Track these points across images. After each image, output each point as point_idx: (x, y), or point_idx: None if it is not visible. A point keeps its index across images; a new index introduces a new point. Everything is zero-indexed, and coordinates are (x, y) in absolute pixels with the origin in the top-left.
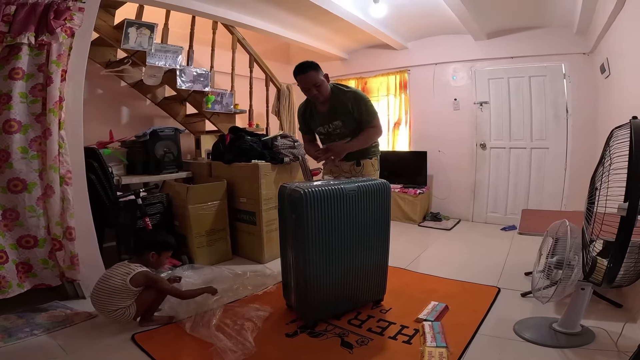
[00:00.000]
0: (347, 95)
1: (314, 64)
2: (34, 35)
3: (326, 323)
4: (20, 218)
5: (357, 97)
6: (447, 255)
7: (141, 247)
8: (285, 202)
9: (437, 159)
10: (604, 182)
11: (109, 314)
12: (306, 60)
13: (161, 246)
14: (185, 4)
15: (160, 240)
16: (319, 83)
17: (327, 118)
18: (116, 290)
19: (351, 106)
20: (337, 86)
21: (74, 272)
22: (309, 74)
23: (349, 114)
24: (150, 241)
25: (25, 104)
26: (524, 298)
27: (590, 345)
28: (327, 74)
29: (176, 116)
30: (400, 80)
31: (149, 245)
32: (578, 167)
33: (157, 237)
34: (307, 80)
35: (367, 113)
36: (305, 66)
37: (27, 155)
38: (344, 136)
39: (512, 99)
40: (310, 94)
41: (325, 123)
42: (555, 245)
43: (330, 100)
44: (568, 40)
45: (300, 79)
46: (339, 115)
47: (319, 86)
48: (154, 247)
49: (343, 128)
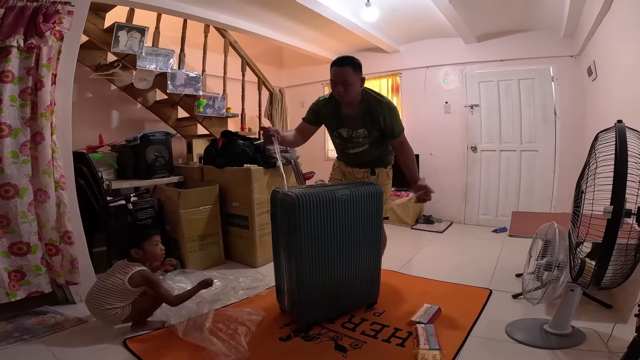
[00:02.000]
0: (381, 104)
1: (355, 62)
2: (23, 39)
3: (320, 326)
4: (12, 224)
5: (391, 108)
6: (439, 258)
7: (124, 251)
8: (277, 206)
9: (429, 162)
10: (589, 185)
11: (102, 313)
12: (351, 56)
13: (137, 239)
14: (177, 7)
15: (132, 235)
16: (350, 82)
17: (354, 123)
18: (114, 289)
19: (383, 118)
20: (371, 93)
21: (75, 276)
22: (344, 68)
23: (377, 124)
24: (125, 243)
25: (15, 107)
26: (515, 300)
27: (581, 346)
28: (364, 78)
29: (167, 120)
30: (393, 83)
31: (126, 246)
32: (567, 170)
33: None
34: (338, 74)
35: (398, 126)
36: (345, 60)
37: (18, 160)
38: (361, 145)
39: (502, 102)
40: (336, 90)
41: (350, 127)
42: (544, 247)
43: (361, 106)
44: (556, 43)
45: (334, 70)
46: (367, 124)
47: (348, 85)
48: (131, 245)
49: (366, 138)
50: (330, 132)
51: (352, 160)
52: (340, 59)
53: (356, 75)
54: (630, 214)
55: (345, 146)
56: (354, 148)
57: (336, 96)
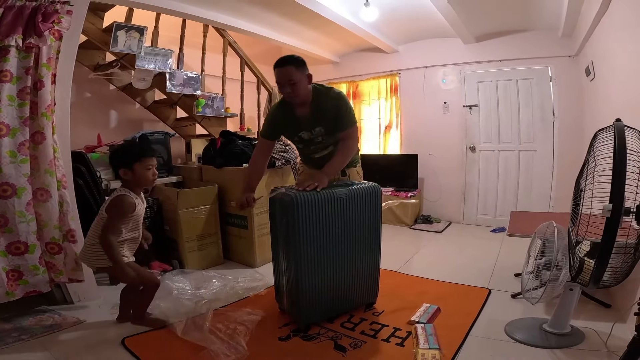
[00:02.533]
0: (329, 94)
1: (296, 60)
2: (22, 38)
3: (319, 326)
4: (10, 224)
5: (340, 98)
6: (438, 258)
7: (112, 167)
8: (276, 206)
9: (428, 162)
10: (588, 184)
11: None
12: (290, 54)
13: (128, 158)
14: (176, 7)
15: (123, 153)
16: (295, 81)
17: (309, 123)
18: (96, 223)
19: (333, 108)
20: (320, 88)
21: (80, 273)
22: (286, 68)
23: (331, 118)
24: (113, 157)
25: (13, 107)
26: (514, 299)
27: (580, 345)
28: (310, 75)
29: (166, 120)
30: (391, 83)
31: (114, 161)
32: (565, 169)
33: (119, 147)
34: (281, 75)
35: (347, 117)
36: (285, 60)
37: (16, 160)
38: (325, 147)
39: (501, 102)
40: (284, 92)
41: (307, 129)
42: (543, 246)
43: (312, 103)
44: (554, 43)
45: (276, 72)
46: (322, 120)
47: (293, 84)
48: (120, 163)
49: (325, 135)
50: (291, 139)
51: (317, 164)
52: (280, 60)
53: (300, 73)
54: (629, 212)
55: (309, 150)
56: (318, 152)
57: (286, 98)
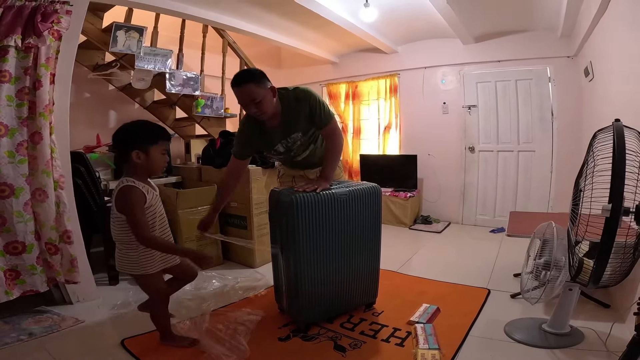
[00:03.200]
0: (296, 95)
1: (253, 74)
2: (21, 38)
3: (319, 327)
4: (7, 224)
5: (308, 95)
6: (437, 258)
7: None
8: (275, 207)
9: (427, 162)
10: (587, 184)
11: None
12: (245, 69)
13: (145, 139)
14: (175, 7)
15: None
16: (259, 99)
17: (283, 132)
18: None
19: (306, 107)
20: (285, 93)
21: (75, 275)
22: (246, 87)
23: (305, 118)
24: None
25: (12, 107)
26: (514, 299)
27: (580, 345)
28: (273, 87)
29: (165, 120)
30: (391, 84)
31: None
32: (563, 170)
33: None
34: (242, 96)
35: (322, 113)
36: (241, 78)
37: (14, 160)
38: (305, 148)
39: (500, 103)
40: (250, 112)
41: (283, 139)
42: (542, 246)
43: (282, 111)
44: (553, 44)
45: (236, 92)
46: (296, 125)
47: (258, 103)
48: (134, 145)
49: (303, 137)
50: (268, 152)
51: (302, 165)
52: (237, 79)
53: (262, 89)
54: (628, 212)
55: (290, 157)
56: (300, 154)
57: (255, 117)
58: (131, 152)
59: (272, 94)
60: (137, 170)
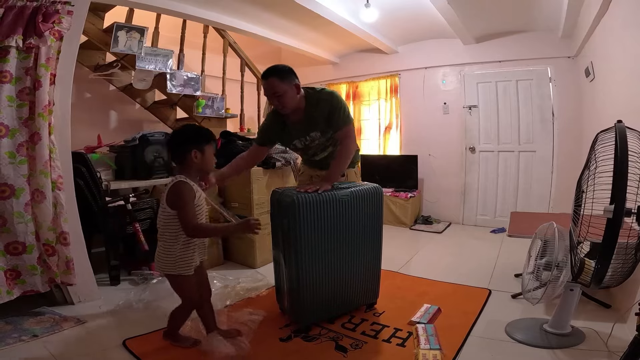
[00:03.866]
0: (321, 96)
1: (280, 70)
2: (22, 39)
3: (320, 327)
4: (8, 224)
5: (332, 97)
6: (438, 258)
7: (178, 149)
8: (277, 207)
9: (428, 162)
10: (590, 185)
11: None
12: (275, 65)
13: (201, 139)
14: (176, 7)
15: (196, 132)
16: (280, 93)
17: (304, 130)
18: (160, 220)
19: (326, 108)
20: (311, 92)
21: (70, 277)
22: (270, 80)
23: (325, 119)
24: (184, 136)
25: (12, 108)
26: (515, 299)
27: (581, 345)
28: (297, 84)
29: (166, 120)
30: (391, 84)
31: (186, 141)
32: (564, 170)
33: (189, 128)
34: (266, 88)
35: (341, 116)
36: (269, 72)
37: (15, 160)
38: (324, 149)
39: (500, 103)
40: (273, 103)
41: (302, 136)
42: (543, 247)
43: (305, 109)
44: (553, 44)
45: (262, 84)
46: (316, 124)
47: (279, 96)
48: (193, 144)
49: (322, 138)
50: (286, 146)
51: (319, 165)
52: (265, 72)
53: (286, 84)
54: (630, 213)
55: (308, 155)
56: (318, 154)
57: (276, 109)
58: (190, 152)
59: (296, 90)
60: (190, 170)
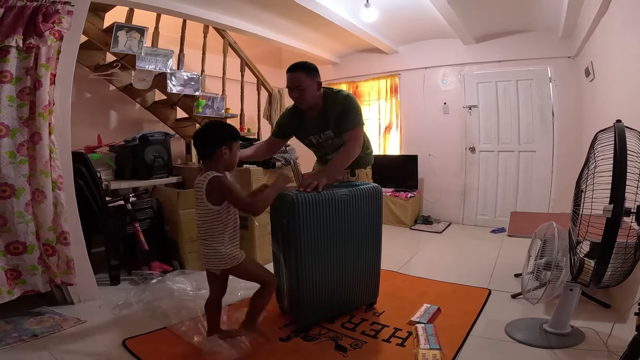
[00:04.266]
0: (338, 96)
1: (308, 67)
2: (22, 39)
3: (320, 327)
4: (9, 224)
5: (348, 99)
6: (438, 258)
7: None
8: (276, 207)
9: (428, 162)
10: (589, 185)
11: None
12: (305, 61)
13: (230, 136)
14: (176, 7)
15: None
16: (303, 87)
17: (318, 127)
18: (202, 219)
19: (341, 110)
20: (330, 92)
21: (71, 277)
22: (296, 74)
23: (336, 118)
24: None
25: (13, 107)
26: (515, 299)
27: (581, 345)
28: (319, 82)
29: (166, 120)
30: (391, 84)
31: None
32: (564, 170)
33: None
34: (291, 80)
35: (351, 117)
36: (297, 66)
37: (15, 160)
38: (336, 148)
39: (500, 103)
40: (292, 96)
41: (316, 133)
42: (543, 247)
43: (322, 108)
44: (553, 44)
45: (287, 77)
46: (331, 124)
47: (301, 90)
48: (222, 141)
49: (335, 138)
50: (302, 141)
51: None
52: (292, 65)
53: (310, 80)
54: (629, 213)
55: (321, 153)
56: (330, 154)
57: (294, 102)
58: (221, 148)
59: (317, 87)
60: (218, 166)
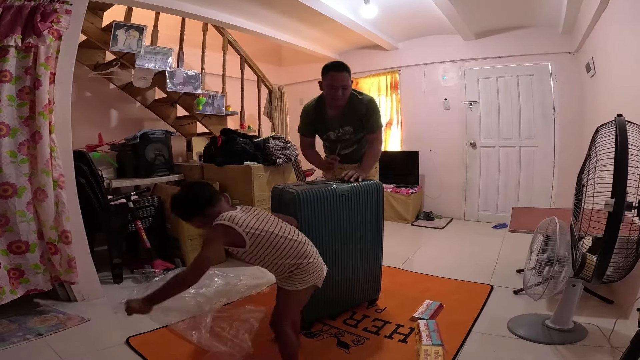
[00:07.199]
0: (362, 100)
1: (349, 68)
2: (21, 38)
3: (322, 323)
4: (10, 223)
5: (373, 102)
6: (440, 254)
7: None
8: (278, 203)
9: (429, 158)
10: (590, 179)
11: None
12: (341, 61)
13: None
14: (175, 5)
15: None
16: (347, 86)
17: (338, 122)
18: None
19: (365, 113)
20: (353, 92)
21: (72, 275)
22: (343, 74)
23: (360, 120)
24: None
25: (13, 107)
26: (517, 295)
27: (583, 341)
28: (353, 80)
29: (167, 118)
30: (391, 80)
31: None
32: (566, 165)
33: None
34: (339, 79)
35: (376, 121)
36: (342, 65)
37: (17, 160)
38: (351, 143)
39: (501, 99)
40: (335, 94)
41: (336, 128)
42: (545, 242)
43: (345, 105)
44: (554, 40)
45: (333, 76)
46: (351, 121)
47: (346, 89)
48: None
49: (352, 134)
50: (320, 136)
51: (344, 158)
52: (337, 65)
53: (350, 81)
54: (631, 207)
55: (335, 147)
56: (344, 149)
57: (334, 100)
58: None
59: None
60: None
